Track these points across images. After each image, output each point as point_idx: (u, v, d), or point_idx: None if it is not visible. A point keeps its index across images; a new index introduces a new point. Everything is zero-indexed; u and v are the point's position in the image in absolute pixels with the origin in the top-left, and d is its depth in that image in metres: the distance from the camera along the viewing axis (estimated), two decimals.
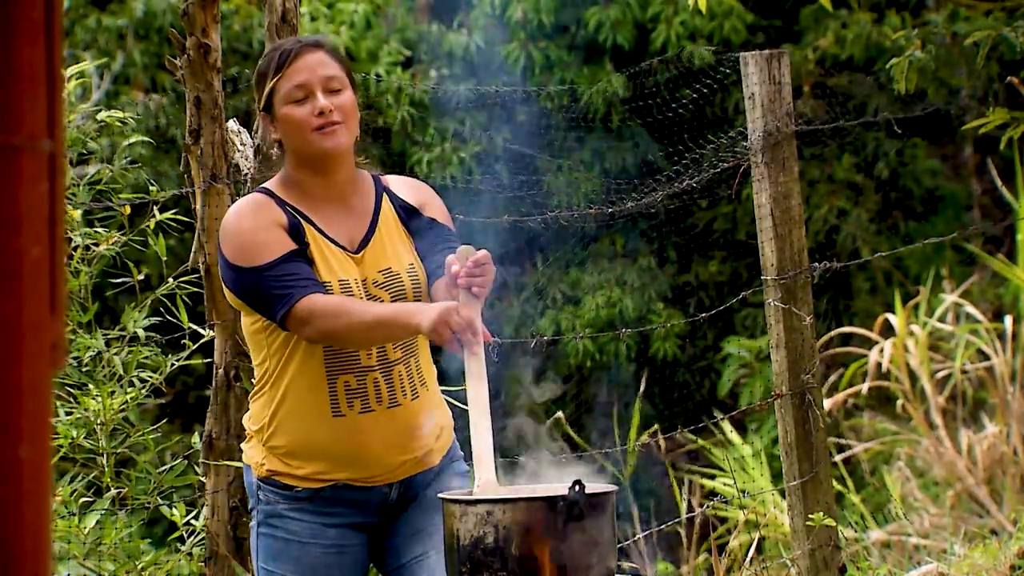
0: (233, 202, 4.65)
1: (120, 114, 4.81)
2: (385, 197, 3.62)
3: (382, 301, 3.47)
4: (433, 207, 3.65)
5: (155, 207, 4.77)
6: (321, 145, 3.49)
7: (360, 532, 3.59)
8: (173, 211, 4.82)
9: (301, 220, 3.50)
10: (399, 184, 3.68)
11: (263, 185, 3.63)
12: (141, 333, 4.72)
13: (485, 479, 3.22)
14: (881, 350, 8.42)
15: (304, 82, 3.50)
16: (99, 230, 4.71)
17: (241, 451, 3.67)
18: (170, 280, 4.80)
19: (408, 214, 3.62)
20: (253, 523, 3.62)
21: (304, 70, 3.51)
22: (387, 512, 3.59)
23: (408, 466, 3.55)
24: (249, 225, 3.48)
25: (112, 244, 4.68)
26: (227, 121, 4.72)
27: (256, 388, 3.59)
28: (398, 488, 3.56)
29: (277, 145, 3.59)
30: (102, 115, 4.77)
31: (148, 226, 4.77)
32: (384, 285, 3.49)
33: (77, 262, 4.67)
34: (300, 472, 3.52)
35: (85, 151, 4.77)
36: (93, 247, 4.69)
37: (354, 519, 3.56)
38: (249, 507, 3.66)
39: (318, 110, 3.48)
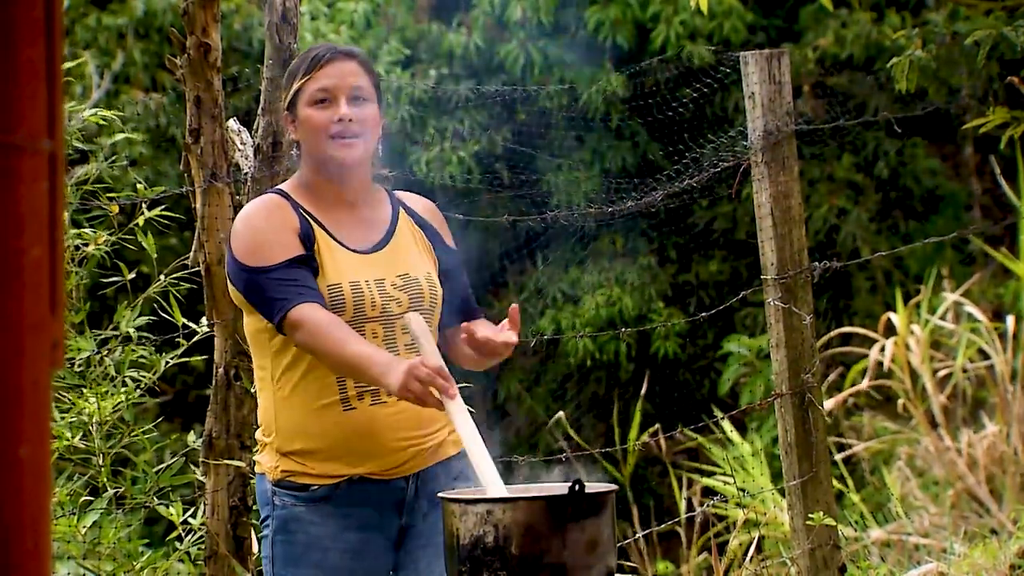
0: (233, 201, 4.66)
1: (108, 113, 4.80)
2: (402, 211, 3.66)
3: (399, 302, 3.50)
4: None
5: (143, 205, 4.76)
6: (334, 154, 3.53)
7: (381, 536, 3.57)
8: (162, 208, 4.81)
9: (312, 224, 3.52)
10: (414, 200, 3.73)
11: (279, 186, 3.67)
12: (134, 332, 4.71)
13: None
14: (882, 349, 8.42)
15: (330, 87, 3.54)
16: (87, 230, 4.70)
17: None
18: (161, 278, 4.78)
19: (428, 232, 3.69)
20: (266, 532, 3.58)
21: (332, 75, 3.55)
22: (407, 512, 3.57)
23: (423, 456, 3.55)
24: (261, 225, 3.51)
25: (102, 244, 4.67)
26: (227, 120, 4.72)
27: (261, 393, 3.59)
28: (414, 482, 3.55)
29: (295, 146, 3.62)
30: (87, 114, 4.75)
31: (137, 224, 4.75)
32: (403, 288, 3.53)
33: (67, 263, 4.66)
34: (315, 471, 3.51)
35: (72, 151, 4.75)
36: (83, 247, 4.68)
37: (373, 519, 3.54)
38: (261, 518, 3.63)
39: (338, 117, 3.52)
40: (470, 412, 3.32)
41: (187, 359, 4.78)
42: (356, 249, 3.55)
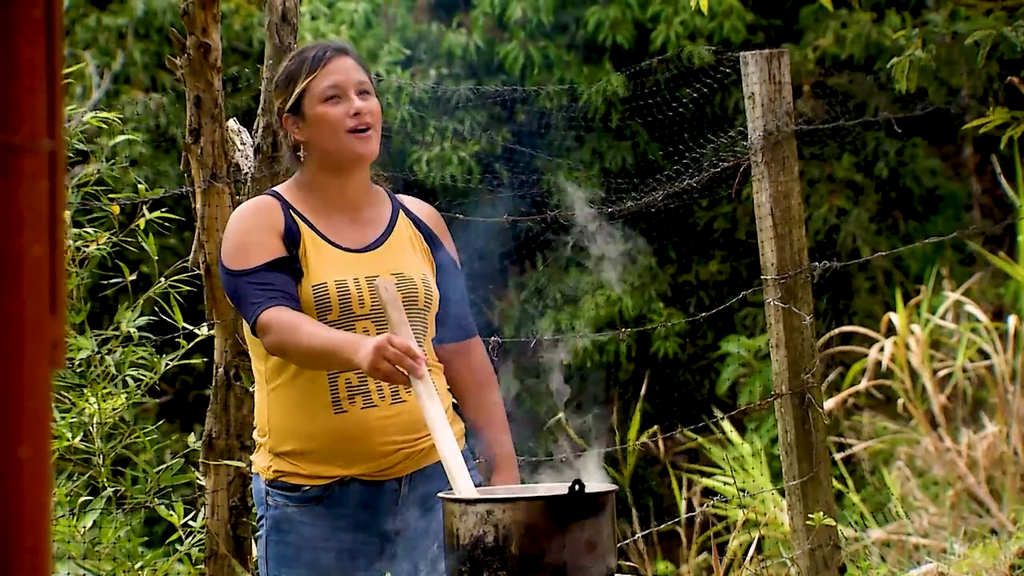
0: (233, 201, 4.66)
1: (108, 115, 4.79)
2: (402, 213, 3.66)
3: None
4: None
5: (144, 207, 4.75)
6: (354, 149, 3.54)
7: (374, 537, 3.56)
8: (163, 210, 4.81)
9: (301, 223, 3.52)
10: (416, 204, 3.73)
11: (275, 187, 3.67)
12: (134, 332, 4.70)
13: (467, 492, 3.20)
14: (882, 348, 8.42)
15: (339, 83, 3.57)
16: (88, 230, 4.70)
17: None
18: (162, 279, 4.78)
19: (428, 237, 3.68)
20: (261, 533, 3.60)
21: (339, 72, 3.58)
22: (400, 513, 3.56)
23: (415, 459, 3.54)
24: (243, 227, 3.53)
25: (103, 244, 4.66)
26: (227, 120, 4.72)
27: (258, 394, 3.60)
28: (407, 483, 3.55)
29: (296, 148, 3.61)
30: (87, 116, 4.75)
31: (138, 225, 4.75)
32: (397, 286, 3.50)
33: (68, 263, 4.65)
34: (307, 472, 3.52)
35: (73, 153, 4.74)
36: (84, 248, 4.67)
37: (365, 520, 3.54)
38: (257, 518, 3.64)
39: (354, 111, 3.54)
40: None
41: (188, 361, 4.78)
42: (349, 248, 3.55)
